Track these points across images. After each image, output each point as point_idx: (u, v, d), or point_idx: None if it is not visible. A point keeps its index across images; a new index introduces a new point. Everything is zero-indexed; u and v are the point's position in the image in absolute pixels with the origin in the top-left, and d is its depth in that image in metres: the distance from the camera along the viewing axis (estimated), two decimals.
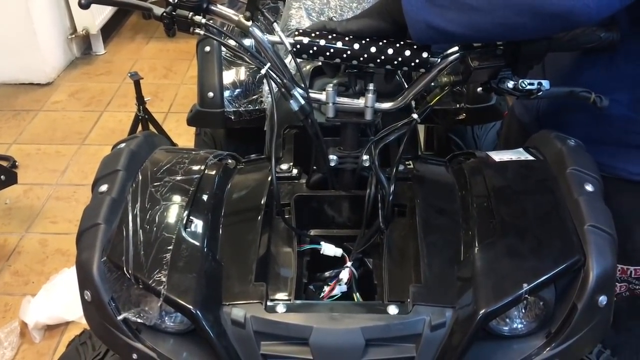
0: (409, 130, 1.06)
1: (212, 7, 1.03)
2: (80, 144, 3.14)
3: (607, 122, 1.14)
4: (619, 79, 1.09)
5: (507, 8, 0.86)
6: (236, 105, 1.73)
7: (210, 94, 1.72)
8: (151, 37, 4.15)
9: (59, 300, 2.11)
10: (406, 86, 1.11)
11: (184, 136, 2.94)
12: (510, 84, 0.99)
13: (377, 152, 1.06)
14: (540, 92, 1.00)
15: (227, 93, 1.72)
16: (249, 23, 1.03)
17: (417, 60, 0.98)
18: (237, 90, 1.74)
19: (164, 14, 1.02)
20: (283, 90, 1.02)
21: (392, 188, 1.04)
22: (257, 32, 1.03)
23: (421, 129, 2.31)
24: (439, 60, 1.00)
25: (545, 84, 1.00)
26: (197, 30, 1.03)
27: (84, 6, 1.07)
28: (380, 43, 0.99)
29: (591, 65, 1.11)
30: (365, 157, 1.07)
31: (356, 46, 0.99)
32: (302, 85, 1.04)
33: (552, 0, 0.83)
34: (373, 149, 1.06)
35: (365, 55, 0.99)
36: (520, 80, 0.99)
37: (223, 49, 1.73)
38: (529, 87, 0.99)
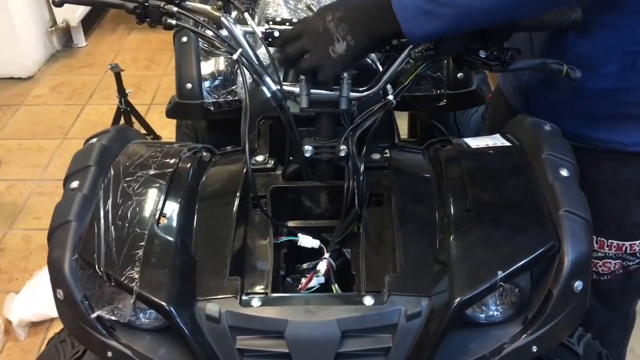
0: (385, 112, 1.06)
1: (183, 2, 1.04)
2: (62, 138, 3.10)
3: (597, 96, 1.14)
4: (605, 52, 1.09)
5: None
6: (215, 96, 1.70)
7: (189, 85, 1.69)
8: (133, 28, 4.10)
9: (43, 296, 2.09)
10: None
11: (168, 128, 2.91)
12: (482, 54, 0.99)
13: (355, 140, 1.05)
14: (513, 60, 0.99)
15: (205, 84, 1.70)
16: (219, 13, 1.02)
17: (387, 47, 0.99)
18: (216, 81, 1.71)
19: (137, 4, 1.03)
20: (255, 76, 1.01)
21: (362, 167, 1.03)
22: (229, 22, 1.02)
23: (405, 116, 2.30)
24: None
25: (517, 52, 0.99)
26: (170, 21, 1.03)
27: (58, 4, 1.08)
28: None
29: (576, 40, 1.10)
30: (342, 147, 1.06)
31: None
32: (277, 75, 1.03)
33: None
34: (350, 139, 1.05)
35: None
36: (492, 49, 0.98)
37: (200, 39, 1.71)
38: (500, 54, 0.98)
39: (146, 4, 1.04)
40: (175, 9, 1.03)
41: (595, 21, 1.05)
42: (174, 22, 1.04)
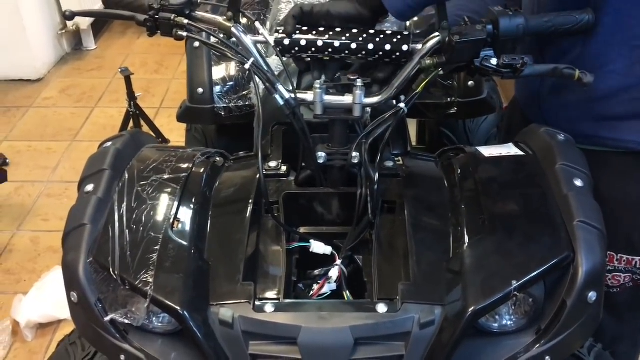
0: (396, 120, 1.06)
1: (193, 14, 1.05)
2: (71, 140, 3.12)
3: (608, 95, 1.13)
4: (611, 49, 1.09)
5: None
6: (226, 101, 1.71)
7: (200, 90, 1.70)
8: (142, 31, 4.10)
9: (51, 298, 2.10)
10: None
11: (176, 132, 2.92)
12: (494, 62, 0.98)
13: (367, 147, 1.05)
14: (524, 68, 0.98)
15: (217, 89, 1.71)
16: (231, 24, 1.03)
17: (397, 54, 1.01)
18: (227, 85, 1.72)
19: (148, 17, 1.03)
20: (268, 85, 1.02)
21: (377, 176, 1.02)
22: (239, 33, 1.03)
23: (413, 123, 2.30)
24: (421, 46, 1.01)
25: (528, 59, 0.99)
26: (180, 33, 1.04)
27: (69, 18, 1.10)
28: (362, 37, 1.01)
29: (582, 38, 1.10)
30: (354, 153, 1.06)
31: (341, 37, 1.00)
32: (290, 83, 1.04)
33: None
34: (363, 146, 1.05)
35: (348, 51, 1.01)
36: (503, 57, 0.98)
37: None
38: (511, 62, 0.98)
39: (157, 16, 1.04)
40: (186, 21, 1.04)
41: (598, 18, 1.05)
42: (184, 34, 1.05)
